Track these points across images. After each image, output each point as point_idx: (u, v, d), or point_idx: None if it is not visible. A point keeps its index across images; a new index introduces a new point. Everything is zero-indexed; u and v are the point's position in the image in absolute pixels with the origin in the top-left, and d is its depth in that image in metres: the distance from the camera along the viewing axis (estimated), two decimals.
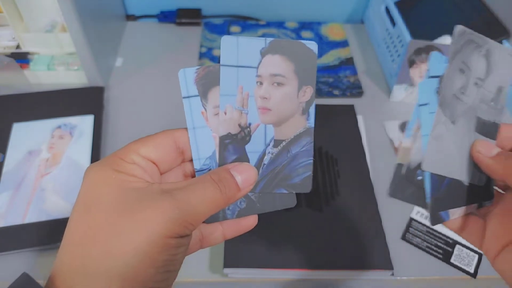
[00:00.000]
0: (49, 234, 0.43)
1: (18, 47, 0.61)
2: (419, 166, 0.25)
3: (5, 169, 0.49)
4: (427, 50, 0.56)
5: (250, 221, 0.25)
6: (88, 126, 0.54)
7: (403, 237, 0.46)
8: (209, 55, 0.68)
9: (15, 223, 0.44)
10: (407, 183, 0.26)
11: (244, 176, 0.23)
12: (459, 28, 0.26)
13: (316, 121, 0.27)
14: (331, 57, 0.69)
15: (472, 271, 0.44)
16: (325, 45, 0.72)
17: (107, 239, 0.19)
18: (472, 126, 0.26)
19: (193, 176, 0.25)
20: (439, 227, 0.46)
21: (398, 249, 0.45)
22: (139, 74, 0.65)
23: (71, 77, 0.60)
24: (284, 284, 0.43)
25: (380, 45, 0.69)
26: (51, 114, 0.55)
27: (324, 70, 0.67)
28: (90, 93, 0.58)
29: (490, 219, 0.26)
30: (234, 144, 0.25)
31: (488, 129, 0.27)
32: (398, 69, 0.59)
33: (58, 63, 0.60)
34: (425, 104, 0.25)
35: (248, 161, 0.25)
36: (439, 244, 0.45)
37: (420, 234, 0.46)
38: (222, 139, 0.25)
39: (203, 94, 0.24)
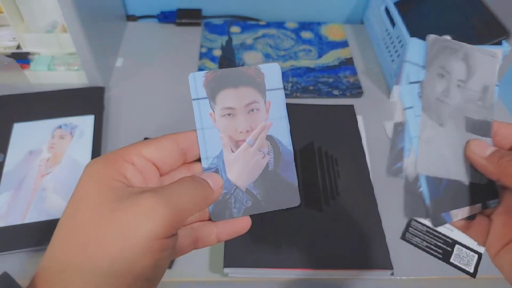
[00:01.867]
0: (49, 234, 0.43)
1: (18, 47, 0.62)
2: (417, 178, 0.26)
3: (5, 169, 0.49)
4: None
5: (244, 223, 0.25)
6: (89, 126, 0.54)
7: (403, 237, 0.46)
8: (209, 55, 0.68)
9: (16, 223, 0.44)
10: (420, 200, 0.26)
11: (212, 179, 0.24)
12: (431, 37, 0.27)
13: (316, 121, 0.27)
14: (331, 58, 0.69)
15: (471, 270, 0.44)
16: (325, 45, 0.72)
17: (88, 242, 0.19)
18: (462, 127, 0.27)
19: None
20: (439, 227, 0.47)
21: (397, 248, 0.45)
22: (140, 74, 0.65)
23: (71, 77, 0.61)
24: (284, 283, 0.43)
25: (379, 46, 0.69)
26: (51, 114, 0.55)
27: (324, 70, 0.67)
28: (90, 93, 0.59)
29: (494, 218, 0.26)
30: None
31: (480, 128, 0.27)
32: (398, 69, 0.59)
33: (59, 63, 0.61)
34: (410, 107, 0.26)
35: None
36: (438, 244, 0.45)
37: (420, 234, 0.46)
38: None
39: (211, 96, 0.26)
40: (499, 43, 0.58)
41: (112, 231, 0.19)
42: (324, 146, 0.52)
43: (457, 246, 0.45)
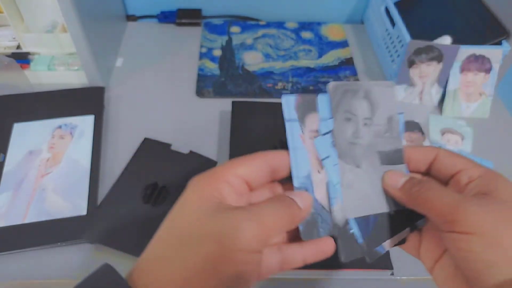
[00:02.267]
0: (49, 234, 0.43)
1: (18, 47, 0.62)
2: (347, 221, 0.27)
3: (5, 169, 0.49)
4: (427, 50, 0.56)
5: (328, 244, 0.27)
6: (89, 126, 0.54)
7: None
8: (209, 55, 0.68)
9: (16, 223, 0.44)
10: (353, 241, 0.27)
11: (301, 198, 0.25)
12: (331, 84, 0.28)
13: None
14: (331, 58, 0.69)
15: None
16: (325, 45, 0.72)
17: (182, 243, 0.22)
18: (377, 162, 0.28)
19: None
20: None
21: (397, 248, 0.45)
22: (140, 74, 0.65)
23: (71, 77, 0.61)
24: (284, 283, 0.43)
25: (379, 46, 0.69)
26: (51, 114, 0.55)
27: (324, 70, 0.67)
28: (90, 93, 0.59)
29: (423, 233, 0.27)
30: None
31: (393, 158, 0.28)
32: (398, 70, 0.59)
33: (59, 63, 0.61)
34: (327, 157, 0.27)
35: None
36: None
37: None
38: None
39: (301, 119, 0.28)
40: (499, 43, 0.58)
41: (203, 237, 0.21)
42: None
43: None
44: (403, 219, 0.28)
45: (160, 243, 0.23)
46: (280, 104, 0.30)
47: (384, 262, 0.42)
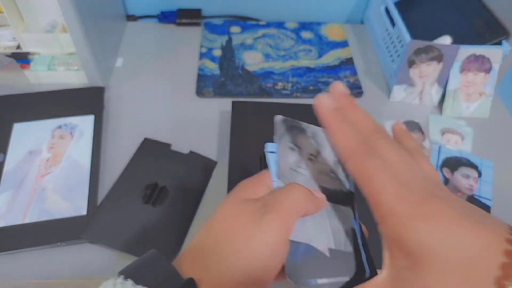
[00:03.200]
0: (49, 234, 0.43)
1: (18, 47, 0.62)
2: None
3: (5, 169, 0.49)
4: (427, 50, 0.56)
5: None
6: (89, 126, 0.54)
7: None
8: (209, 55, 0.68)
9: (16, 223, 0.44)
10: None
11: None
12: (278, 117, 0.29)
13: (316, 121, 0.27)
14: (331, 58, 0.69)
15: None
16: (325, 45, 0.72)
17: (234, 241, 0.24)
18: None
19: None
20: None
21: None
22: (140, 74, 0.65)
23: (71, 77, 0.61)
24: (283, 283, 0.43)
25: (380, 45, 0.69)
26: (51, 114, 0.55)
27: (324, 70, 0.67)
28: (90, 93, 0.59)
29: None
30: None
31: (336, 197, 0.28)
32: (398, 69, 0.59)
33: (59, 63, 0.61)
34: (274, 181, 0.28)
35: None
36: None
37: None
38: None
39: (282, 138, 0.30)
40: (499, 43, 0.58)
41: (245, 240, 0.23)
42: None
43: None
44: (345, 269, 0.25)
45: (204, 236, 0.25)
46: (280, 105, 0.30)
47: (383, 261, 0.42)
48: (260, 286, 0.23)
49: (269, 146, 0.29)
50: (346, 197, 0.28)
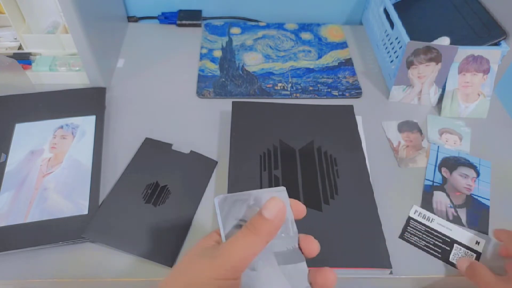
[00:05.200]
0: (50, 233, 0.44)
1: (20, 48, 0.62)
2: None
3: (7, 168, 0.49)
4: (425, 51, 0.57)
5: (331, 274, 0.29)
6: (90, 126, 0.54)
7: (402, 236, 0.46)
8: (209, 56, 0.69)
9: (17, 222, 0.44)
10: None
11: (269, 208, 0.27)
12: (218, 198, 0.30)
13: (316, 122, 0.28)
14: (330, 58, 0.70)
15: None
16: (325, 46, 0.72)
17: (186, 275, 0.28)
18: (274, 263, 0.29)
19: None
20: (437, 226, 0.47)
21: (396, 248, 0.45)
22: (141, 75, 0.65)
23: (73, 77, 0.61)
24: None
25: (378, 46, 0.69)
26: (53, 115, 0.55)
27: (323, 71, 0.67)
28: (92, 93, 0.59)
29: None
30: None
31: (291, 257, 0.29)
32: (397, 70, 0.60)
33: (60, 64, 0.61)
34: None
35: None
36: (437, 243, 0.46)
37: (419, 233, 0.47)
38: None
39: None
40: (498, 44, 0.59)
41: (195, 273, 0.27)
42: (324, 146, 0.52)
43: (455, 245, 0.46)
44: None
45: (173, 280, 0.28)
46: (279, 105, 0.30)
47: (383, 261, 0.42)
48: None
49: (217, 200, 0.29)
50: (298, 253, 0.29)
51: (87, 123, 0.55)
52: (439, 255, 0.45)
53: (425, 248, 0.45)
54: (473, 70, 0.59)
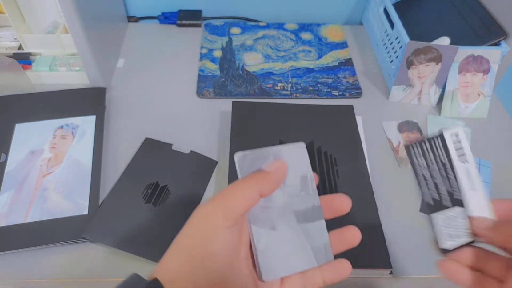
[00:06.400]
0: (51, 233, 0.44)
1: (20, 48, 0.62)
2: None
3: (7, 168, 0.49)
4: (425, 51, 0.57)
5: (345, 266, 0.30)
6: (90, 126, 0.54)
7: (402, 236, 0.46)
8: (209, 56, 0.69)
9: (17, 222, 0.44)
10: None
11: (274, 166, 0.27)
12: (237, 155, 0.28)
13: (316, 122, 0.28)
14: (330, 58, 0.70)
15: None
16: (325, 46, 0.72)
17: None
18: (294, 221, 0.29)
19: None
20: None
21: (397, 248, 0.45)
22: (141, 75, 0.65)
23: (73, 77, 0.61)
24: None
25: (378, 46, 0.69)
26: (53, 115, 0.55)
27: (323, 71, 0.67)
28: (92, 93, 0.59)
29: (508, 280, 0.28)
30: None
31: (311, 214, 0.29)
32: (397, 70, 0.60)
33: (60, 64, 0.61)
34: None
35: None
36: None
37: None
38: None
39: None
40: (498, 44, 0.59)
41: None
42: (324, 146, 0.52)
43: None
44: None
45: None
46: (279, 105, 0.30)
47: (383, 261, 0.42)
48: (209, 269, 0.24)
49: (237, 157, 0.28)
50: (318, 211, 0.29)
51: (87, 123, 0.55)
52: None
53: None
54: (473, 70, 0.59)
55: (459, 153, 0.31)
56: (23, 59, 0.60)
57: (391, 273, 0.43)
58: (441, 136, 0.30)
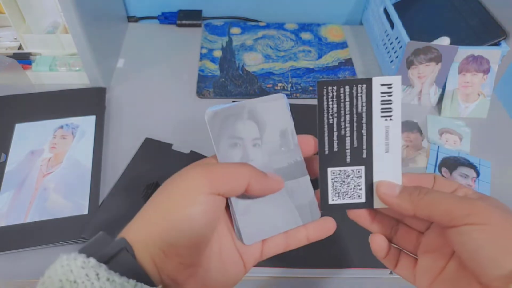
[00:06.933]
0: (51, 233, 0.44)
1: (20, 48, 0.62)
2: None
3: (7, 168, 0.49)
4: (425, 51, 0.57)
5: (329, 223, 0.29)
6: (90, 126, 0.54)
7: None
8: (209, 56, 0.69)
9: (17, 222, 0.44)
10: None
11: (275, 177, 0.26)
12: (208, 113, 0.27)
13: (316, 122, 0.27)
14: (330, 58, 0.70)
15: None
16: (325, 46, 0.72)
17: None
18: None
19: None
20: None
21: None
22: (141, 75, 0.65)
23: (73, 77, 0.61)
24: (283, 282, 0.44)
25: (378, 46, 0.69)
26: (53, 115, 0.55)
27: (323, 71, 0.67)
28: (92, 93, 0.59)
29: (419, 256, 0.28)
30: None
31: (294, 171, 0.27)
32: (397, 70, 0.60)
33: (60, 64, 0.61)
34: None
35: None
36: None
37: None
38: None
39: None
40: (498, 44, 0.59)
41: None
42: None
43: None
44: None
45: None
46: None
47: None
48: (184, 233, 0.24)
49: (206, 116, 0.26)
50: (301, 167, 0.27)
51: (87, 123, 0.55)
52: None
53: None
54: (473, 70, 0.59)
55: (383, 107, 0.27)
56: (23, 59, 0.60)
57: (391, 273, 0.43)
58: (369, 83, 0.26)
